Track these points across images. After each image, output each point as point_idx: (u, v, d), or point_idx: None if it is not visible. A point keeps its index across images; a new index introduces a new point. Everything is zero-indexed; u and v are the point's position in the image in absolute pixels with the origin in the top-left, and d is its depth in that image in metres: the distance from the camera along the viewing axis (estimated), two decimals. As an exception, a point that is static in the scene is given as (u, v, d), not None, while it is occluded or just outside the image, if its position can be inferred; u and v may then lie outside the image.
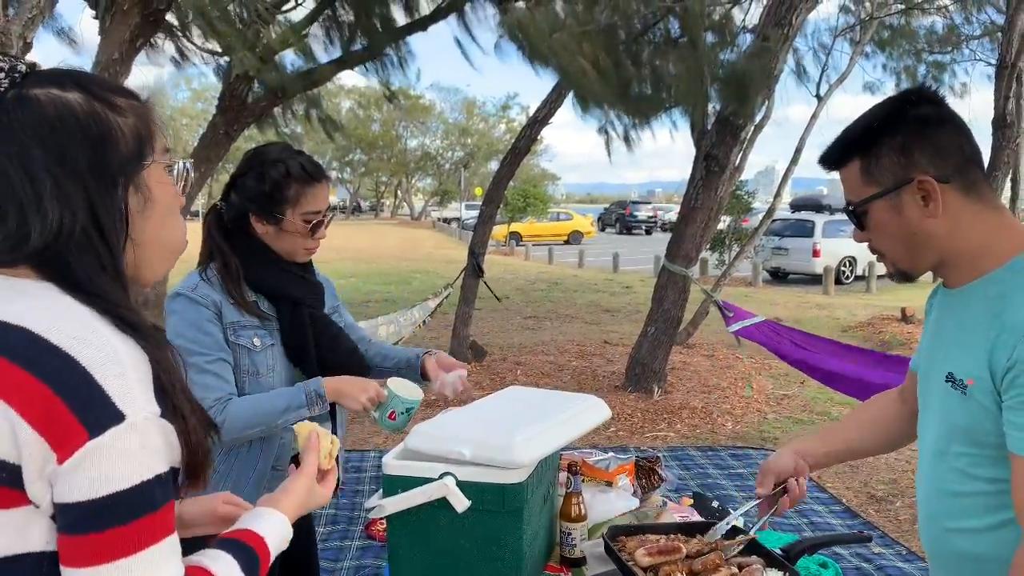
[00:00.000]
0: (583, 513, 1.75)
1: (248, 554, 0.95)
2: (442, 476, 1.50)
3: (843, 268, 16.00)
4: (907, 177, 1.21)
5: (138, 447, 0.79)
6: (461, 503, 1.49)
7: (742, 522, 1.73)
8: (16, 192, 0.84)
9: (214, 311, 1.72)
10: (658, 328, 6.61)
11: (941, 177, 1.20)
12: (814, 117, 9.20)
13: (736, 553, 1.60)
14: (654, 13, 5.88)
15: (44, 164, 0.85)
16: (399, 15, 5.86)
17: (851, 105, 1.33)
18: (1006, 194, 8.94)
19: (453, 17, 5.88)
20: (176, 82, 37.33)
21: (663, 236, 22.70)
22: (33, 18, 3.38)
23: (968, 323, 1.22)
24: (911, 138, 1.21)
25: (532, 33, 4.93)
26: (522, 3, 5.97)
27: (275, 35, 5.30)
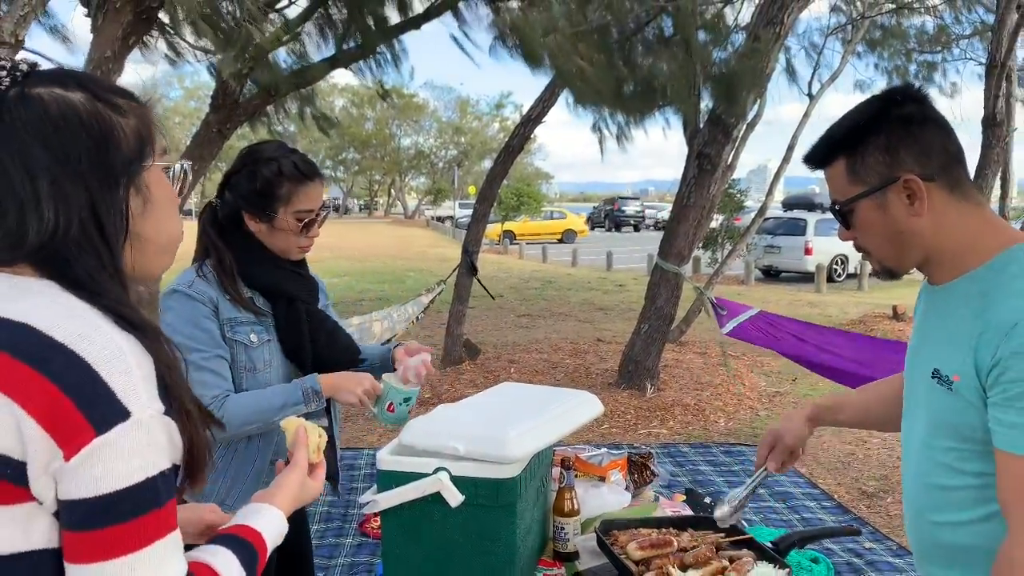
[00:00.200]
0: (576, 508, 1.77)
1: (247, 549, 0.96)
2: (436, 471, 1.51)
3: (835, 266, 16.07)
4: (892, 176, 1.22)
5: (144, 444, 0.80)
6: (455, 498, 1.50)
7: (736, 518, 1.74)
8: (16, 190, 0.84)
9: (211, 307, 1.72)
10: (651, 326, 6.63)
11: (926, 176, 1.21)
12: (806, 116, 9.23)
13: (727, 546, 1.62)
14: (647, 12, 5.90)
15: (45, 163, 0.84)
16: (392, 13, 5.85)
17: (843, 104, 1.34)
18: (996, 192, 8.97)
19: (448, 15, 5.88)
20: (169, 80, 37.26)
21: (655, 235, 22.71)
22: (25, 15, 3.35)
23: (953, 320, 1.24)
24: (896, 137, 1.22)
25: (526, 34, 4.94)
26: (515, 2, 5.97)
27: (268, 33, 5.28)
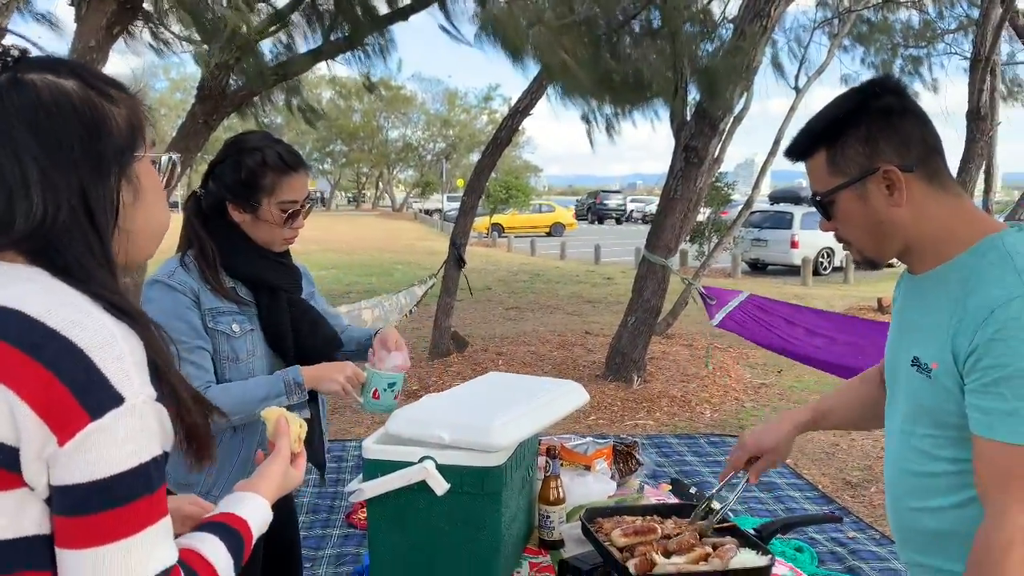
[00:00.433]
0: (561, 496, 1.78)
1: (233, 536, 0.97)
2: (422, 460, 1.52)
3: (821, 259, 16.18)
4: (872, 167, 1.24)
5: (137, 430, 0.80)
6: (440, 486, 1.51)
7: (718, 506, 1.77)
8: (5, 176, 0.84)
9: (192, 298, 1.71)
10: (638, 318, 6.66)
11: (905, 166, 1.23)
12: (792, 109, 9.28)
13: (710, 532, 1.64)
14: (635, 4, 5.90)
15: (35, 149, 0.84)
16: (380, 4, 5.81)
17: (829, 98, 1.34)
18: (980, 186, 9.05)
19: (435, 7, 5.85)
20: (155, 71, 36.86)
21: (643, 228, 22.76)
22: (8, 4, 3.32)
23: (932, 308, 1.25)
24: (875, 129, 1.24)
25: (509, 29, 4.93)
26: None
27: (255, 23, 5.24)
